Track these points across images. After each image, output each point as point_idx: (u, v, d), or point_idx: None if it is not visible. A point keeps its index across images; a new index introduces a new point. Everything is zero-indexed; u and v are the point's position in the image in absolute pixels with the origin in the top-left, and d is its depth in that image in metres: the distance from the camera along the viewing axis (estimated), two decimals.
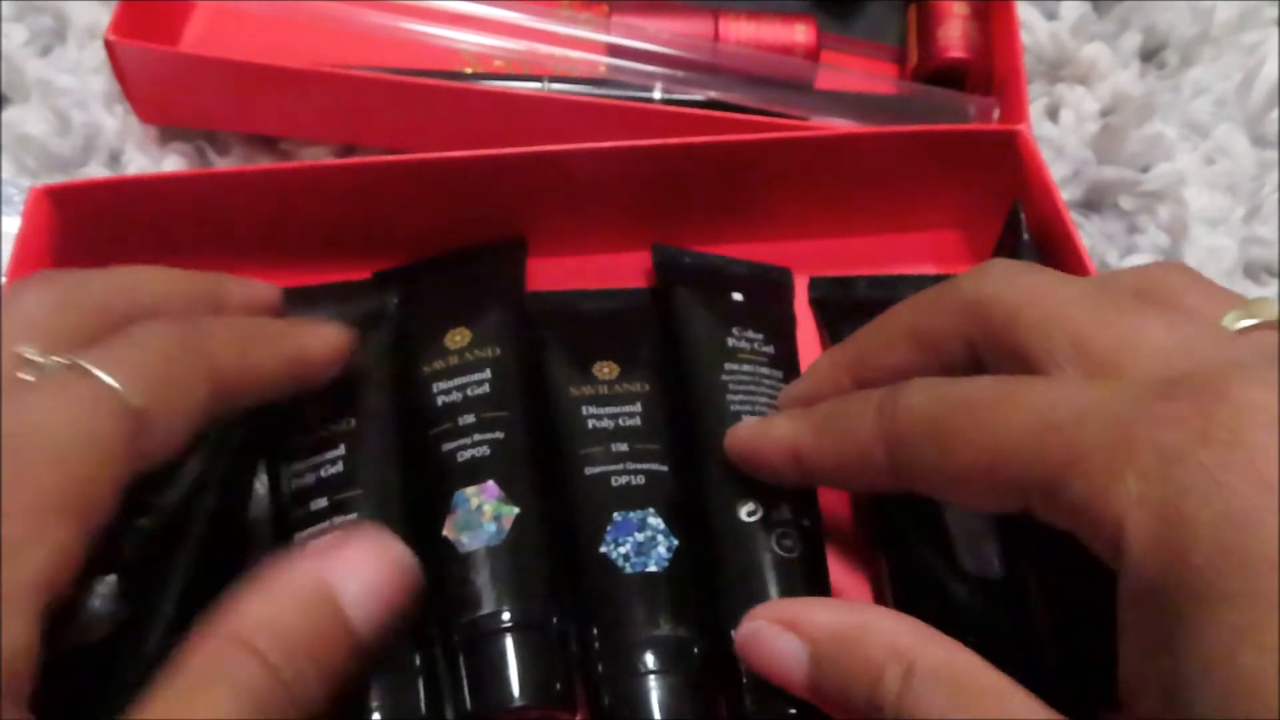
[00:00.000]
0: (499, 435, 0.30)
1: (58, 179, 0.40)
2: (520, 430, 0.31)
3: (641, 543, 0.29)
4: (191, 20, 0.43)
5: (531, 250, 0.37)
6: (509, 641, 0.27)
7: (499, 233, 0.37)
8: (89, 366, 0.21)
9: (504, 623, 0.27)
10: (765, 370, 0.33)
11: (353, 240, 0.36)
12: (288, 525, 0.29)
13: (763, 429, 0.28)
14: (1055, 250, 0.34)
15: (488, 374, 0.31)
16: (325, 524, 0.29)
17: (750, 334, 0.33)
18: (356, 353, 0.32)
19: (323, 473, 0.29)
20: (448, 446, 0.30)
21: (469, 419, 0.31)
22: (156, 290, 0.26)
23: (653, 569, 0.29)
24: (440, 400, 0.31)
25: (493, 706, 0.27)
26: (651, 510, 0.30)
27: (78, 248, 0.34)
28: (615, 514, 0.29)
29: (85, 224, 0.34)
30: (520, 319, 0.34)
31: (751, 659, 0.24)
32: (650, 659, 0.27)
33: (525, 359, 0.33)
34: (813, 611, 0.23)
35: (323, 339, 0.28)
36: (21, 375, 0.21)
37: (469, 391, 0.31)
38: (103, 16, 0.43)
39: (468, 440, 0.30)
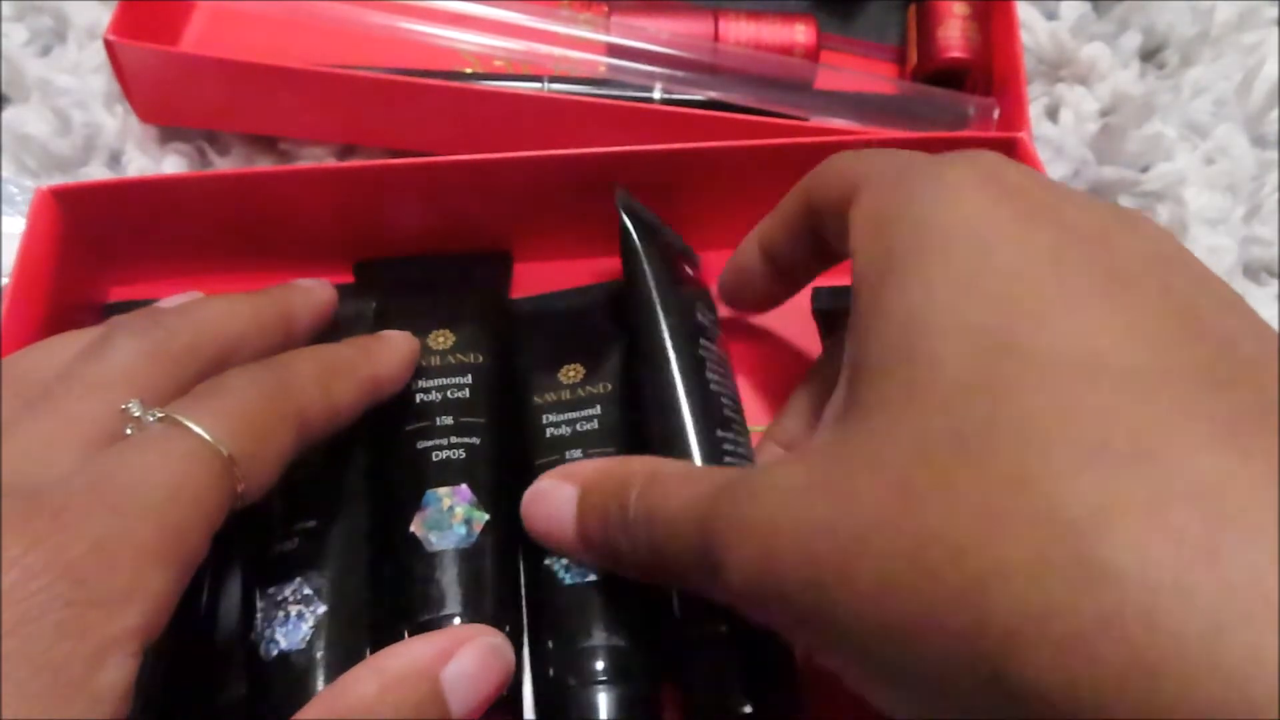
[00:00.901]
0: (475, 440, 0.30)
1: (58, 179, 0.40)
2: (495, 438, 0.31)
3: None
4: (191, 20, 0.43)
5: (520, 255, 0.37)
6: None
7: (487, 238, 0.37)
8: (182, 419, 0.22)
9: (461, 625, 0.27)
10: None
11: (343, 243, 0.36)
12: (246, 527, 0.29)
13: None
14: None
15: (469, 379, 0.32)
16: (284, 529, 0.29)
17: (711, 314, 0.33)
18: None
19: (288, 477, 0.29)
20: (423, 444, 0.30)
21: (447, 420, 0.31)
22: (237, 327, 0.26)
23: (592, 578, 0.28)
24: (419, 398, 0.31)
25: None
26: None
27: (82, 248, 0.34)
28: None
29: (89, 225, 0.34)
30: (503, 330, 0.34)
31: (531, 517, 0.28)
32: (589, 670, 0.27)
33: (505, 369, 0.33)
34: (585, 463, 0.28)
35: (396, 356, 0.30)
36: (126, 430, 0.22)
37: (449, 394, 0.31)
38: (103, 16, 0.43)
39: (444, 441, 0.30)
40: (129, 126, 0.41)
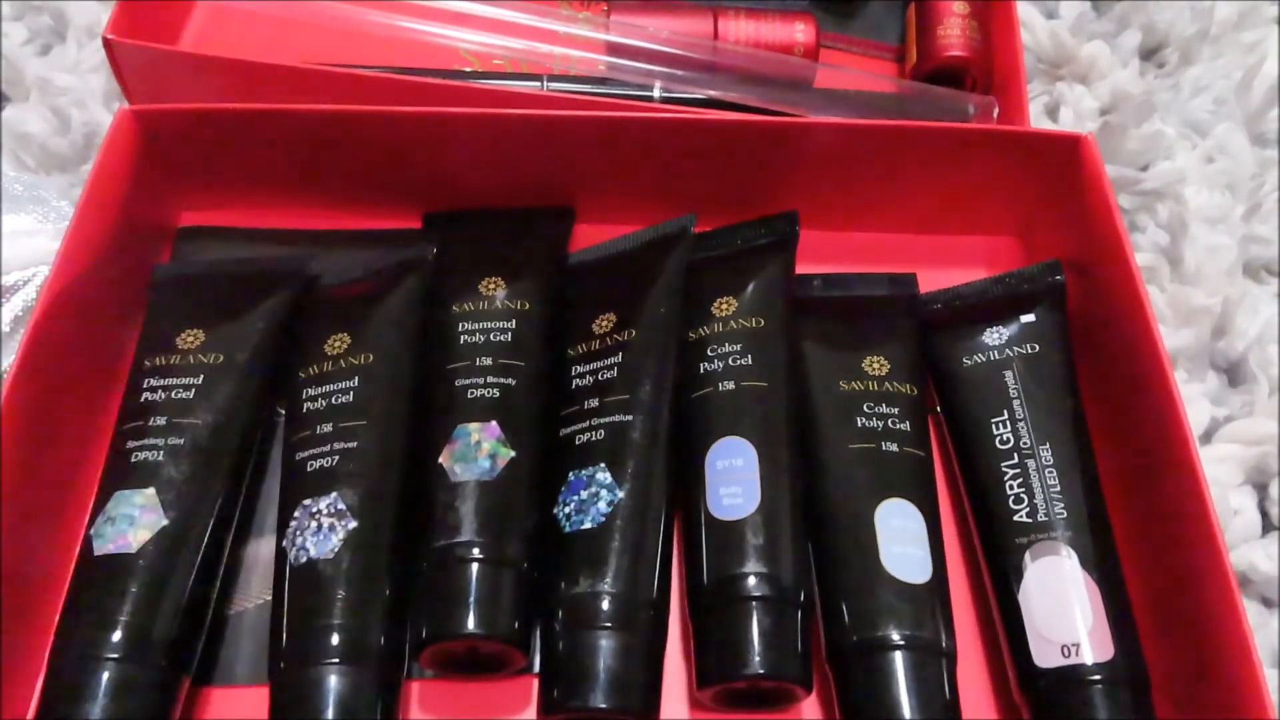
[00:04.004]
0: (510, 381, 0.31)
1: (57, 178, 0.40)
2: (532, 382, 0.32)
3: (584, 500, 0.30)
4: (191, 20, 0.43)
5: (584, 217, 0.38)
6: (476, 572, 0.28)
7: (550, 196, 0.38)
8: None
9: (475, 554, 0.28)
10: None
11: (415, 192, 0.37)
12: (294, 444, 0.31)
13: None
14: (1109, 263, 0.33)
15: (513, 324, 0.33)
16: (327, 447, 0.30)
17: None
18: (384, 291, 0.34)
19: (334, 400, 0.31)
20: (460, 382, 0.31)
21: (486, 361, 0.32)
22: None
23: (588, 526, 0.29)
24: (463, 339, 0.32)
25: (449, 631, 0.28)
26: (601, 465, 0.30)
27: (157, 171, 0.35)
28: (570, 474, 0.30)
29: (166, 148, 0.35)
30: (555, 281, 0.35)
31: None
32: (586, 614, 0.28)
33: (554, 318, 0.34)
34: None
35: None
36: None
37: (492, 336, 0.32)
38: (102, 16, 0.43)
39: (480, 380, 0.31)
40: None
